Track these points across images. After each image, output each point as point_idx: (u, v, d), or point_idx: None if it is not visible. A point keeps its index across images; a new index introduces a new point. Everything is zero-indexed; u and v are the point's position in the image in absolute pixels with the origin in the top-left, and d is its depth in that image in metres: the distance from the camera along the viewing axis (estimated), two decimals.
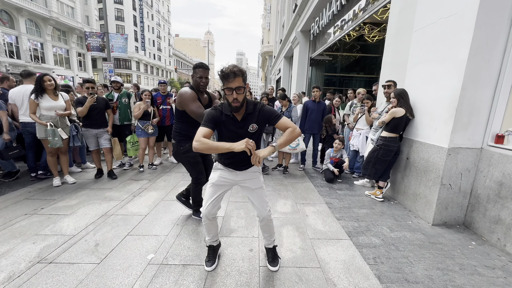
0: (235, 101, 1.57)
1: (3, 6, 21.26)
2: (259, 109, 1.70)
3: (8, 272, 1.87)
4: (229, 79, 1.53)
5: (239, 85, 1.55)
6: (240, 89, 1.55)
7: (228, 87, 1.55)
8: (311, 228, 2.64)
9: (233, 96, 1.55)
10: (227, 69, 1.53)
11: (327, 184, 4.12)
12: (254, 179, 1.86)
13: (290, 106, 4.55)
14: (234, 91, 1.54)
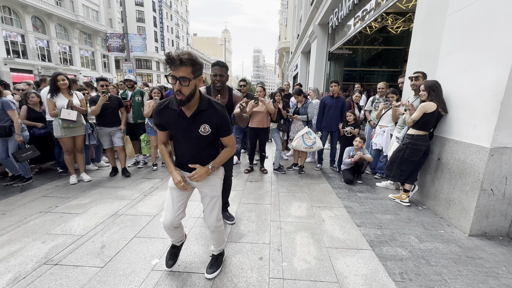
0: (179, 93, 1.37)
1: (35, 12, 22.72)
2: (218, 111, 1.53)
3: (14, 273, 1.85)
4: (174, 66, 1.33)
5: (185, 75, 1.34)
6: (185, 81, 1.34)
7: (172, 74, 1.35)
8: (328, 235, 2.41)
9: (176, 87, 1.36)
10: (174, 54, 1.32)
11: (346, 185, 3.83)
12: (214, 186, 1.71)
13: (306, 102, 4.29)
14: (178, 81, 1.34)
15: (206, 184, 1.69)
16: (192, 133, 1.53)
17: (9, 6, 20.87)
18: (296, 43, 19.33)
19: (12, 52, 21.40)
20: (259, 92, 4.09)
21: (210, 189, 1.70)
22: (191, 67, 1.35)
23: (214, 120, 1.52)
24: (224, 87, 2.47)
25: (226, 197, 2.76)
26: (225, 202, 2.78)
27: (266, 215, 2.82)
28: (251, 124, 4.15)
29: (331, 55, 11.67)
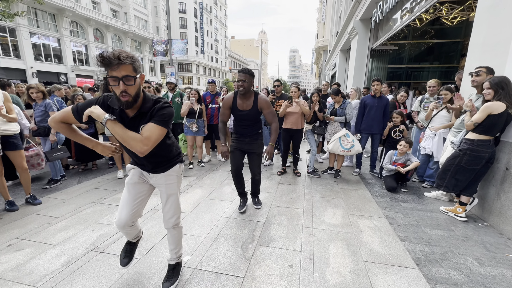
0: (124, 94, 1.24)
1: (96, 25, 25.82)
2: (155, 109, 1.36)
3: (68, 256, 2.08)
4: (112, 66, 1.19)
5: (128, 74, 1.22)
6: (130, 79, 1.22)
7: (112, 75, 1.21)
8: (366, 248, 2.21)
9: (121, 88, 1.22)
10: (109, 54, 1.18)
11: (388, 193, 3.50)
12: (170, 184, 1.65)
13: (344, 102, 4.03)
14: (122, 82, 1.21)
15: (163, 182, 1.63)
16: None
17: (76, 21, 24.07)
18: (335, 41, 18.54)
19: (77, 60, 24.64)
20: (294, 92, 3.97)
21: (166, 187, 1.64)
22: (131, 65, 1.23)
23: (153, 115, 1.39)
24: (249, 92, 2.60)
25: (256, 188, 3.02)
26: (255, 191, 3.05)
27: (298, 220, 2.71)
28: (284, 125, 4.06)
29: (373, 52, 10.90)
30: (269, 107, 2.65)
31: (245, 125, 2.72)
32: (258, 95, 2.64)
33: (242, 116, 2.66)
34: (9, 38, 19.41)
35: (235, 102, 2.64)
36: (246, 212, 2.91)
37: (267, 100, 2.66)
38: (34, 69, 20.62)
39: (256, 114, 2.67)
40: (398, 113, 3.89)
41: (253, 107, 2.61)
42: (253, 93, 2.65)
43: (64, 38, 22.91)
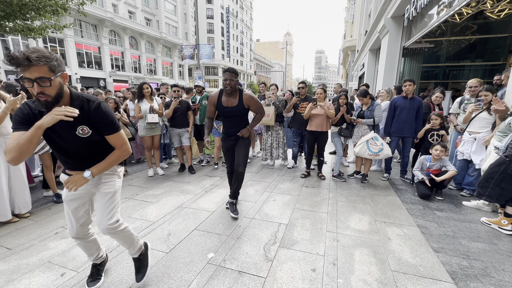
0: (42, 95, 1.19)
1: (132, 33, 27.72)
2: (91, 109, 1.34)
3: (105, 246, 2.24)
4: (23, 67, 1.11)
5: (42, 75, 1.14)
6: (44, 81, 1.16)
7: (26, 77, 1.14)
8: (395, 257, 2.10)
9: (36, 90, 1.17)
10: (18, 54, 1.09)
11: (421, 201, 3.28)
12: (109, 182, 1.55)
13: (372, 104, 3.87)
14: (36, 83, 1.15)
15: (99, 182, 1.54)
16: (69, 137, 1.35)
17: (114, 30, 26.06)
18: (364, 40, 17.85)
19: (114, 66, 26.64)
20: (319, 94, 3.91)
21: (102, 186, 1.54)
22: (46, 65, 1.15)
23: (94, 121, 1.37)
24: (235, 90, 2.69)
25: (238, 185, 2.87)
26: (235, 192, 2.91)
27: (322, 224, 2.66)
28: (309, 127, 4.01)
29: (406, 50, 10.32)
30: (255, 102, 2.74)
31: (232, 123, 2.79)
32: (242, 92, 2.73)
33: (227, 112, 2.73)
34: (58, 48, 21.63)
35: (220, 99, 2.72)
36: (268, 213, 2.92)
37: (252, 95, 2.74)
38: (78, 75, 22.69)
39: (242, 110, 2.73)
40: (437, 114, 3.61)
41: (238, 103, 2.69)
42: (238, 90, 2.73)
43: (103, 46, 24.93)
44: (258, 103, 2.79)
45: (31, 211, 2.94)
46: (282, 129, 4.82)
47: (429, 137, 3.62)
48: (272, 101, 4.64)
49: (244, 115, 2.80)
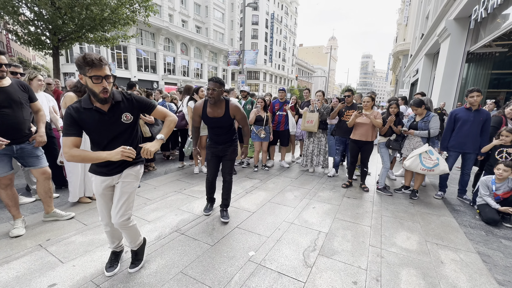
0: (105, 91, 1.44)
1: (183, 40, 30.09)
2: (129, 97, 1.63)
3: (158, 232, 2.55)
4: (97, 67, 1.38)
5: (108, 74, 1.44)
6: (109, 78, 1.45)
7: (96, 75, 1.39)
8: (448, 283, 1.92)
9: (103, 85, 1.43)
10: (90, 57, 1.37)
11: (483, 225, 2.91)
12: (131, 182, 1.73)
13: (428, 115, 3.58)
14: (104, 80, 1.42)
15: (121, 180, 1.71)
16: (115, 125, 1.57)
17: (168, 37, 28.61)
18: (419, 44, 16.40)
19: (166, 70, 29.19)
20: (366, 102, 3.77)
21: (122, 184, 1.70)
22: (108, 66, 1.46)
23: (135, 106, 1.64)
24: (220, 100, 2.60)
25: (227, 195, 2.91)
26: (226, 201, 2.91)
27: (365, 237, 2.57)
28: (352, 135, 3.89)
29: (471, 55, 9.25)
30: (241, 113, 2.69)
31: (218, 132, 2.73)
32: (229, 102, 2.67)
33: (213, 123, 2.67)
34: (122, 54, 24.63)
35: (205, 109, 2.64)
36: (308, 220, 2.91)
37: (238, 106, 2.68)
38: (136, 78, 25.44)
39: (228, 120, 2.66)
40: (509, 130, 3.17)
41: (224, 114, 2.62)
42: (224, 100, 2.66)
43: (159, 52, 27.54)
44: (243, 115, 2.74)
45: None
46: (324, 136, 4.75)
47: (496, 154, 3.20)
48: (316, 108, 4.61)
49: (230, 125, 2.74)
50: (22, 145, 2.42)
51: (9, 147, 2.32)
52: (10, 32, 7.49)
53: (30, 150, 2.48)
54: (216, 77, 2.58)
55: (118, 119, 1.58)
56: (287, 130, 5.16)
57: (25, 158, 2.47)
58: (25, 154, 2.45)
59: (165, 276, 1.90)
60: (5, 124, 2.25)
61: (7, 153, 2.34)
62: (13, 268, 1.94)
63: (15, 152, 2.38)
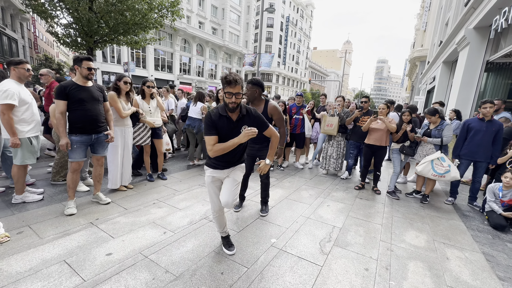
0: (233, 103, 1.83)
1: (199, 41, 30.84)
2: (254, 114, 1.99)
3: (190, 218, 2.87)
4: (232, 85, 1.80)
5: (238, 91, 1.82)
6: (239, 95, 1.83)
7: (229, 91, 1.81)
8: (451, 275, 2.14)
9: (232, 100, 1.82)
10: (231, 77, 1.79)
11: (491, 230, 3.07)
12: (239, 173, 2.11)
13: (442, 123, 3.75)
14: (234, 96, 1.81)
15: (232, 173, 2.09)
16: (237, 132, 1.92)
17: (185, 38, 29.41)
18: (437, 51, 16.20)
19: (182, 70, 29.99)
20: (382, 109, 3.98)
21: (234, 175, 2.08)
22: (240, 85, 1.83)
23: (255, 122, 1.99)
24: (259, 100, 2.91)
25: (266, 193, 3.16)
26: (265, 198, 3.18)
27: (376, 234, 2.80)
28: (367, 140, 4.10)
29: (490, 65, 9.17)
30: (278, 113, 2.91)
31: None
32: (268, 102, 2.90)
33: None
34: (141, 53, 25.57)
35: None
36: (323, 216, 3.16)
37: (276, 107, 2.90)
38: (153, 77, 26.32)
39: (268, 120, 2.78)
40: None
41: (262, 113, 2.75)
42: (264, 100, 2.92)
43: (175, 53, 28.36)
44: (281, 116, 2.94)
45: (132, 185, 3.82)
46: (344, 140, 4.97)
47: (507, 164, 3.35)
48: (337, 112, 4.85)
49: None
50: (99, 135, 2.95)
51: (89, 136, 2.86)
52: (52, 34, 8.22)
53: (102, 141, 3.01)
54: (252, 78, 2.91)
55: (239, 129, 1.93)
56: (302, 133, 5.42)
57: (95, 146, 2.99)
58: (97, 142, 2.98)
59: (200, 253, 2.22)
60: (88, 116, 2.79)
61: (86, 142, 2.86)
62: (74, 239, 2.31)
63: (92, 140, 2.90)
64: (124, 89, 3.45)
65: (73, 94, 2.70)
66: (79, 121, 2.76)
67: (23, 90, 2.92)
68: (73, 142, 2.77)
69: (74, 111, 2.74)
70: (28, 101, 2.96)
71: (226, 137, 1.91)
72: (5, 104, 2.66)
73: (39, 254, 2.06)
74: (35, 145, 3.04)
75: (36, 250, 2.12)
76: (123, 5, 7.31)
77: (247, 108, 2.00)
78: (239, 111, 1.94)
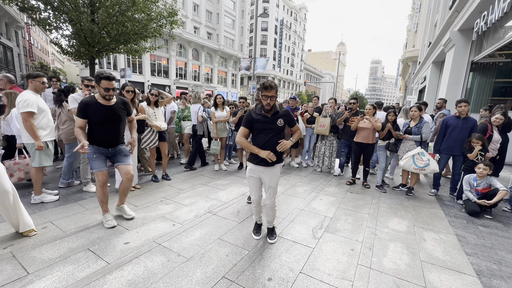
0: (268, 105, 2.24)
1: (195, 46, 31.20)
2: (284, 112, 2.37)
3: (195, 213, 3.17)
4: (268, 90, 2.19)
5: (273, 95, 2.21)
6: (273, 98, 2.23)
7: (265, 95, 2.20)
8: (426, 252, 2.47)
9: (267, 101, 2.22)
10: (268, 83, 2.20)
11: (467, 216, 3.41)
12: (274, 177, 2.38)
13: (421, 121, 4.12)
14: (269, 98, 2.21)
15: (267, 176, 2.36)
16: (273, 126, 2.30)
17: (181, 43, 29.75)
18: (427, 52, 16.76)
19: (178, 75, 30.29)
20: (368, 110, 4.33)
21: (269, 179, 2.38)
22: (275, 89, 2.23)
23: (286, 119, 2.36)
24: None
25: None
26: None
27: (363, 221, 3.12)
28: (356, 138, 4.45)
29: (475, 65, 9.64)
30: None
31: None
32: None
33: None
34: (137, 59, 25.82)
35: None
36: (316, 208, 3.48)
37: None
38: (150, 82, 26.56)
39: None
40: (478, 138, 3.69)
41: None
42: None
43: (171, 58, 28.66)
44: None
45: (139, 185, 4.10)
46: (336, 139, 5.31)
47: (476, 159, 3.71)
48: (329, 113, 5.19)
49: None
50: (116, 148, 2.81)
51: (107, 149, 2.74)
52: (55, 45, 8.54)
53: (122, 150, 2.86)
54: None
55: (275, 123, 2.31)
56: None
57: (117, 156, 2.82)
58: (117, 153, 2.82)
59: (207, 240, 2.52)
60: (108, 135, 2.69)
61: (104, 153, 2.73)
62: (94, 232, 2.60)
63: (110, 153, 2.78)
64: (128, 97, 3.71)
65: (92, 114, 2.58)
66: (96, 139, 2.66)
67: (39, 99, 3.22)
68: (92, 152, 2.63)
69: (92, 130, 2.65)
70: (44, 109, 3.26)
71: (262, 130, 2.30)
72: (27, 111, 2.96)
73: (65, 244, 2.35)
74: (51, 148, 3.33)
75: (62, 241, 2.40)
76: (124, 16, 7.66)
77: (281, 107, 2.41)
78: (274, 110, 2.33)
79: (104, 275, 1.95)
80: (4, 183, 2.31)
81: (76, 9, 7.27)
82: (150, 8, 8.32)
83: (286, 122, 2.37)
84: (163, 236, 2.58)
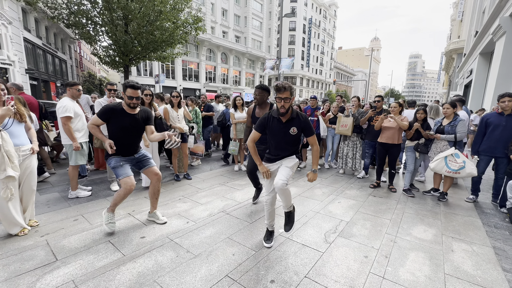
0: (282, 107, 2.13)
1: (223, 50, 32.12)
2: (303, 119, 2.23)
3: (210, 211, 3.26)
4: (281, 92, 2.09)
5: (287, 96, 2.10)
6: (287, 100, 2.10)
7: (279, 97, 2.10)
8: (452, 265, 2.21)
9: (281, 104, 2.11)
10: (280, 84, 2.10)
11: (510, 227, 2.98)
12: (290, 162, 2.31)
13: (455, 119, 3.70)
14: (283, 100, 2.10)
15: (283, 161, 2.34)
16: (285, 133, 2.21)
17: (210, 48, 30.85)
18: (473, 42, 15.04)
19: (208, 78, 31.43)
20: (393, 107, 4.03)
21: (286, 162, 2.32)
22: (289, 91, 2.10)
23: (302, 126, 2.24)
24: (265, 103, 3.32)
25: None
26: None
27: (382, 227, 2.91)
28: (380, 139, 4.16)
29: None
30: None
31: None
32: (272, 106, 3.15)
33: None
34: (170, 65, 27.41)
35: (254, 111, 3.37)
36: (332, 211, 3.34)
37: None
38: (181, 87, 27.99)
39: None
40: None
41: None
42: (269, 104, 3.31)
43: (201, 62, 29.87)
44: None
45: (161, 183, 4.34)
46: (360, 140, 5.04)
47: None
48: (351, 113, 4.96)
49: None
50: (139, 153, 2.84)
51: (132, 157, 2.76)
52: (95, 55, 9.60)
53: (145, 155, 2.88)
54: (260, 84, 3.31)
55: (288, 130, 2.23)
56: (318, 134, 5.57)
57: (142, 161, 2.82)
58: (141, 158, 2.83)
59: (216, 239, 2.58)
60: (121, 144, 2.63)
61: (129, 162, 2.74)
62: (116, 225, 2.82)
63: (135, 159, 2.78)
64: (146, 100, 3.95)
65: (114, 120, 2.61)
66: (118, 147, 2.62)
67: (76, 105, 3.61)
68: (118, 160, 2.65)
69: (111, 135, 2.65)
70: (79, 113, 3.65)
71: (274, 136, 2.26)
72: (65, 116, 3.34)
73: (90, 236, 2.59)
74: (85, 149, 3.70)
75: (88, 233, 2.65)
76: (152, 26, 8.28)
77: (298, 113, 2.26)
78: (290, 115, 2.20)
79: (118, 266, 2.11)
80: (35, 182, 2.68)
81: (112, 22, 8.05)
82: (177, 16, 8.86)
83: (301, 130, 2.26)
84: (176, 232, 2.70)
